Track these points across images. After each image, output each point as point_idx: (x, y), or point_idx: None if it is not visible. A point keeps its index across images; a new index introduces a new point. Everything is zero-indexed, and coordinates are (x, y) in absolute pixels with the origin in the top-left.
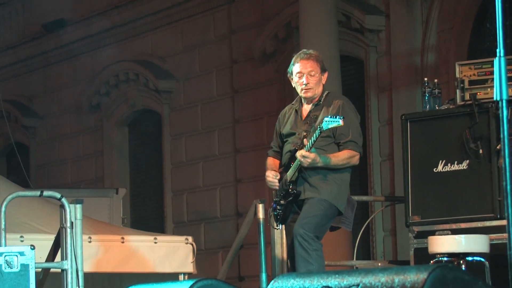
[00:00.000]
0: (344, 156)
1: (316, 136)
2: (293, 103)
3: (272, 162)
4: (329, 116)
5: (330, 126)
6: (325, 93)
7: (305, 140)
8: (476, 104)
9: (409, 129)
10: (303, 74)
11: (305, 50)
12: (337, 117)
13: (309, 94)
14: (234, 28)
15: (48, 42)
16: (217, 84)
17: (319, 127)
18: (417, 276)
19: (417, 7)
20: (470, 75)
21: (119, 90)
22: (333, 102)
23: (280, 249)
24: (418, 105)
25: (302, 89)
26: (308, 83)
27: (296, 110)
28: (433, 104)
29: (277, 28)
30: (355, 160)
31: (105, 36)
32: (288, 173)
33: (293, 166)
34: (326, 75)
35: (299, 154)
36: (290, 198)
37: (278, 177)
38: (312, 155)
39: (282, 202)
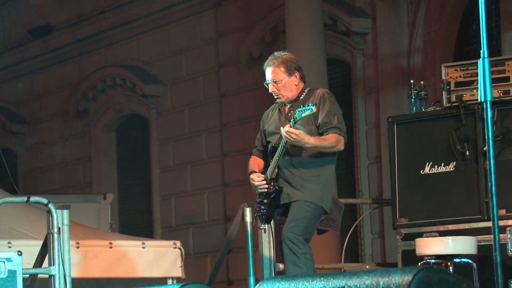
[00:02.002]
0: (331, 140)
1: (291, 125)
2: (277, 101)
3: (254, 161)
4: (301, 106)
5: (303, 115)
6: (307, 89)
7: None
8: (462, 105)
9: (395, 131)
10: (268, 83)
11: (274, 53)
12: (309, 105)
13: (282, 100)
14: (220, 32)
15: (35, 47)
16: (204, 88)
17: (293, 118)
18: (401, 278)
19: (403, 9)
20: (456, 77)
21: (106, 95)
22: (314, 94)
23: (268, 253)
24: (405, 108)
25: (274, 96)
26: (274, 91)
27: (279, 109)
28: (419, 106)
29: (264, 32)
30: (341, 144)
31: (91, 41)
32: (268, 170)
33: (272, 162)
34: (297, 75)
35: (284, 130)
36: (273, 195)
37: (262, 178)
38: (297, 131)
39: (265, 201)
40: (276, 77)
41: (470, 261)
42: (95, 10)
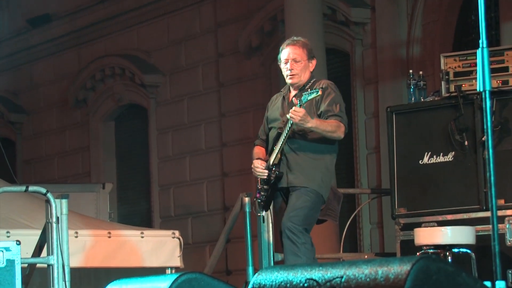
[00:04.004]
0: (332, 124)
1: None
2: (281, 90)
3: (258, 150)
4: (308, 90)
5: (309, 98)
6: (313, 79)
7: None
8: (461, 95)
9: (394, 121)
10: (288, 61)
11: (294, 37)
12: (315, 88)
13: (294, 80)
14: (219, 21)
15: (34, 37)
16: (203, 78)
17: (299, 101)
18: (400, 267)
19: None
20: (455, 67)
21: (105, 85)
22: (320, 83)
23: (267, 242)
24: (404, 98)
25: (287, 75)
26: (292, 69)
27: (283, 97)
28: (418, 96)
29: (263, 22)
30: (341, 131)
31: (90, 30)
32: (271, 156)
33: (276, 148)
34: (314, 62)
35: (291, 110)
36: (273, 181)
37: (265, 165)
38: (303, 110)
39: (265, 187)
40: (299, 56)
41: (468, 251)
42: None
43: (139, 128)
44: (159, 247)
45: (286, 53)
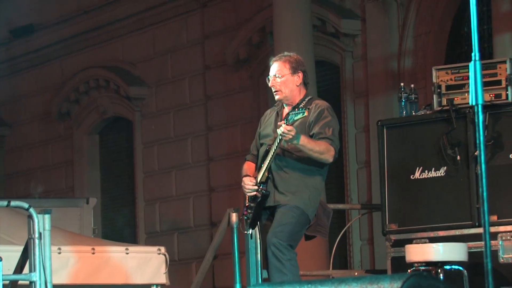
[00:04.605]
0: (321, 145)
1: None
2: (276, 104)
3: (247, 166)
4: (295, 110)
5: (296, 118)
6: (308, 97)
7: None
8: (453, 109)
9: (385, 135)
10: (270, 77)
11: (285, 52)
12: (302, 108)
13: (279, 97)
14: (207, 33)
15: (16, 47)
16: (189, 90)
17: (285, 120)
18: (391, 285)
19: (393, 11)
20: (447, 80)
21: (89, 97)
22: (315, 103)
23: (254, 259)
24: (395, 111)
25: (273, 92)
26: (274, 86)
27: (277, 112)
28: (410, 110)
29: (251, 33)
30: (330, 154)
31: (74, 41)
32: (259, 173)
33: (264, 165)
34: (300, 75)
35: (282, 127)
36: (259, 199)
37: (254, 182)
38: (292, 128)
39: (252, 204)
40: (279, 72)
41: (461, 268)
42: (78, 10)
43: (124, 141)
44: (144, 263)
45: (271, 69)
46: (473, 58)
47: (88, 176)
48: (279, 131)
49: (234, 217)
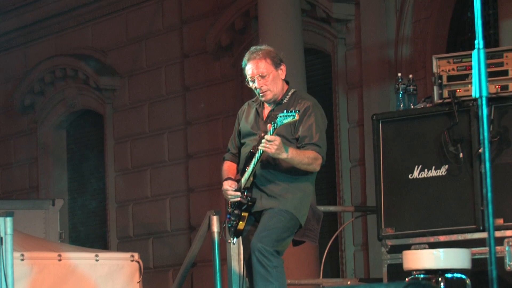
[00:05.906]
0: (309, 156)
1: (271, 133)
2: (253, 100)
3: (228, 168)
4: (284, 111)
5: (285, 122)
6: (291, 91)
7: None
8: (456, 102)
9: (381, 130)
10: (254, 78)
11: (252, 48)
12: (292, 111)
13: (268, 97)
14: (185, 18)
15: None
16: (166, 81)
17: (273, 123)
18: None
19: None
20: (449, 70)
21: (55, 88)
22: (300, 101)
23: (237, 266)
24: (392, 104)
25: (259, 94)
26: (261, 87)
27: (257, 110)
28: (408, 103)
29: (234, 18)
30: (318, 164)
31: (39, 27)
32: (243, 178)
33: (248, 170)
34: (283, 67)
35: (264, 141)
36: (245, 207)
37: (237, 187)
38: (278, 139)
39: (236, 212)
40: (265, 70)
41: (463, 276)
42: None
43: (94, 137)
44: (116, 271)
45: (250, 70)
46: (476, 46)
47: (54, 175)
48: (261, 146)
49: (215, 220)
